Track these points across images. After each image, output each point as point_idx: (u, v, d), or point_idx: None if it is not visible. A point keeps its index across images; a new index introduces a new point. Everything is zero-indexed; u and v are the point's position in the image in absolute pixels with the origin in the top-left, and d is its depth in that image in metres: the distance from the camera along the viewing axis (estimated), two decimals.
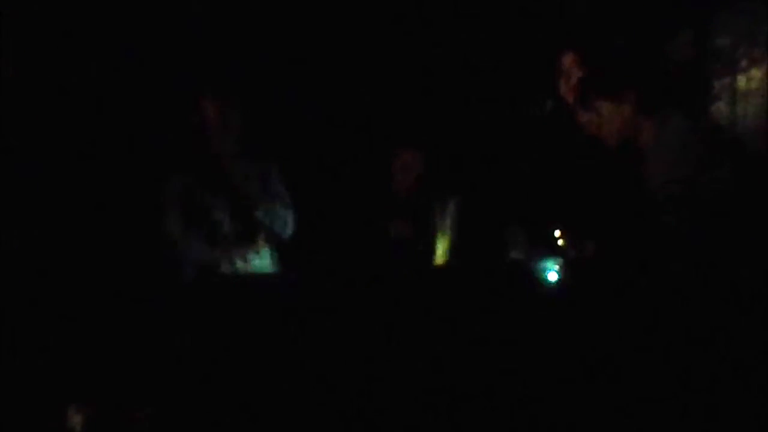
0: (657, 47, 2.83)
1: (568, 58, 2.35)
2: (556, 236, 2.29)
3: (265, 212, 2.62)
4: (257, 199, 2.61)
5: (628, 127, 2.13)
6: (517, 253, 2.46)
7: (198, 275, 2.51)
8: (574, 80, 2.28)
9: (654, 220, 2.00)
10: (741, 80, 2.82)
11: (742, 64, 2.81)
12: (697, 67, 2.94)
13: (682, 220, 1.94)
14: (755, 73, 2.76)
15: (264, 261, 2.68)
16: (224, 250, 2.59)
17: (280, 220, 2.66)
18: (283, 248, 2.75)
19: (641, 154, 2.13)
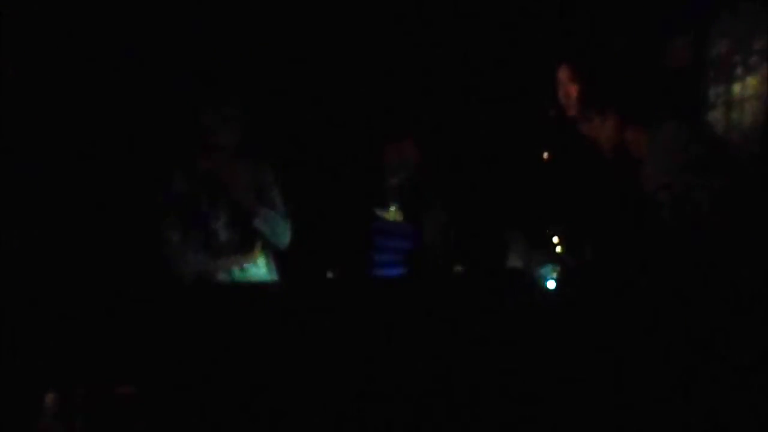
0: (652, 56, 2.84)
1: (564, 72, 2.37)
2: (555, 242, 2.29)
3: (262, 221, 2.61)
4: (254, 208, 2.61)
5: (617, 137, 2.15)
6: (516, 259, 2.46)
7: (194, 284, 2.50)
8: (572, 94, 2.30)
9: (650, 227, 2.00)
10: (736, 88, 2.83)
11: (738, 71, 2.82)
12: (693, 75, 2.95)
13: (678, 227, 1.95)
14: (751, 81, 2.77)
15: (261, 270, 2.66)
16: (221, 259, 2.58)
17: (276, 228, 2.65)
18: (279, 257, 2.74)
19: (637, 161, 2.14)
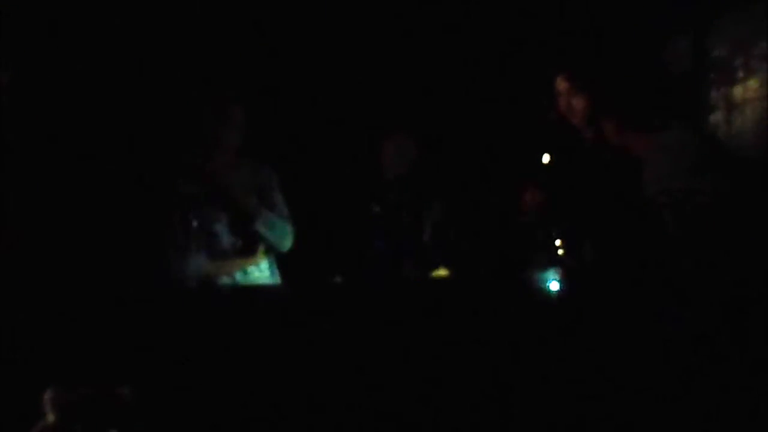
0: (653, 60, 2.84)
1: (562, 84, 2.39)
2: (557, 245, 2.30)
3: (264, 224, 2.62)
4: (255, 211, 2.61)
5: (619, 141, 2.17)
6: (518, 261, 2.46)
7: (197, 287, 2.50)
8: (577, 106, 2.31)
9: (651, 229, 2.01)
10: (737, 90, 2.83)
11: (739, 74, 2.82)
12: (694, 77, 2.96)
13: (678, 230, 1.95)
14: (752, 84, 2.77)
15: (263, 273, 2.67)
16: (223, 262, 2.59)
17: (278, 231, 2.66)
18: (282, 260, 2.74)
19: (638, 164, 2.15)
